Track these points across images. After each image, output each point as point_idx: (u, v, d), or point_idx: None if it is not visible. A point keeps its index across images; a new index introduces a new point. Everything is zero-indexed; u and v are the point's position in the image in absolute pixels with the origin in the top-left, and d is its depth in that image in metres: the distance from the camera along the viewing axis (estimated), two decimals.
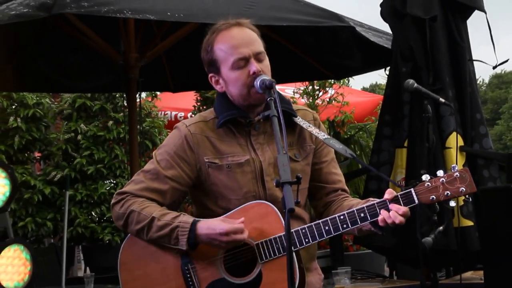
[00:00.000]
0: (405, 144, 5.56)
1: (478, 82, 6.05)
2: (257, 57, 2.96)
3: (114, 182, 10.44)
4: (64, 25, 6.25)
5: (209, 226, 2.89)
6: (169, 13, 5.29)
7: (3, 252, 4.70)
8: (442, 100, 4.77)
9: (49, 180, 10.11)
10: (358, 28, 6.06)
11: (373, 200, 2.86)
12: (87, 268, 8.58)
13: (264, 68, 2.96)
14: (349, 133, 10.83)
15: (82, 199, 10.16)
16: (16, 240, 4.91)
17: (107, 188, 10.25)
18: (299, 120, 3.05)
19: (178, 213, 2.99)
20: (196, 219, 2.94)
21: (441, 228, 4.82)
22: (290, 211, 2.43)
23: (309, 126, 3.03)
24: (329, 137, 2.98)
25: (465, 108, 5.57)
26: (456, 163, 5.24)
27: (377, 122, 6.20)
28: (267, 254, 2.87)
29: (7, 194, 4.70)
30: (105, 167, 10.29)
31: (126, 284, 3.09)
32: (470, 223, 5.33)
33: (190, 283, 2.95)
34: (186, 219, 2.94)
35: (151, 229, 2.96)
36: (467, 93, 5.59)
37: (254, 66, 2.92)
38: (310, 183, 3.18)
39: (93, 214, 10.38)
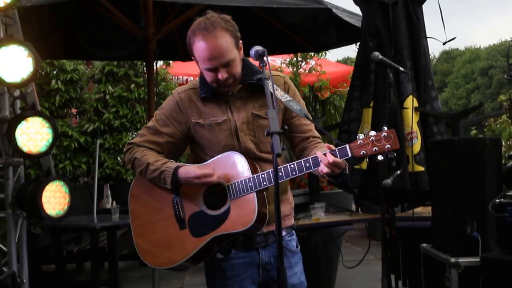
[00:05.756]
0: (371, 105, 5.56)
1: (430, 56, 6.03)
2: (225, 65, 2.89)
3: (136, 133, 10.47)
4: (95, 5, 6.23)
5: (186, 171, 2.96)
6: None
7: (47, 187, 4.71)
8: (401, 69, 4.76)
9: (83, 131, 10.18)
10: (334, 10, 6.04)
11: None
12: (113, 201, 8.61)
13: (231, 71, 2.91)
14: (325, 96, 10.82)
15: (110, 147, 10.23)
16: (57, 177, 4.91)
17: (130, 138, 10.27)
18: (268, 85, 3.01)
19: (167, 160, 3.07)
20: (179, 165, 3.02)
21: (398, 172, 4.84)
22: (277, 156, 2.44)
23: (276, 89, 2.97)
24: (290, 99, 2.92)
25: (419, 76, 5.56)
26: (412, 121, 5.28)
27: (348, 88, 6.18)
28: (235, 193, 2.91)
29: (50, 140, 4.70)
30: (128, 121, 10.33)
31: (133, 212, 3.18)
32: (421, 168, 5.37)
33: (177, 212, 3.03)
34: (171, 165, 3.02)
35: (147, 172, 3.05)
36: (422, 64, 5.58)
37: (221, 74, 2.88)
38: (287, 133, 3.16)
39: (119, 159, 10.46)
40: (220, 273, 3.07)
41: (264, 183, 2.87)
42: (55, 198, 4.78)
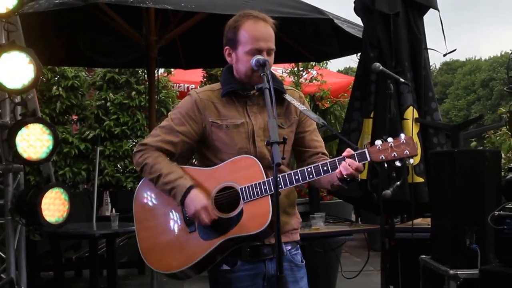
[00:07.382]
0: (371, 115, 5.55)
1: (431, 67, 6.02)
2: (269, 52, 2.96)
3: (136, 141, 10.52)
4: (98, 12, 6.23)
5: (194, 199, 2.91)
6: (183, 4, 5.26)
7: (46, 193, 4.71)
8: (402, 80, 4.76)
9: (83, 138, 10.19)
10: (335, 20, 6.04)
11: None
12: (113, 209, 8.61)
13: (270, 61, 2.95)
14: (326, 105, 10.84)
15: (110, 154, 10.24)
16: (57, 184, 4.91)
17: (130, 146, 10.33)
18: (286, 96, 3.06)
19: (181, 174, 3.00)
20: (193, 184, 2.95)
21: (398, 183, 4.85)
22: (277, 165, 2.46)
23: (293, 100, 3.03)
24: (307, 109, 2.98)
25: (420, 87, 5.55)
26: (412, 132, 5.28)
27: (349, 98, 6.19)
28: (248, 196, 2.88)
29: (50, 147, 4.70)
30: (129, 129, 10.36)
31: (138, 214, 3.12)
32: (421, 179, 5.35)
33: (187, 215, 2.98)
34: (184, 183, 2.95)
35: (158, 182, 2.99)
36: (422, 75, 5.58)
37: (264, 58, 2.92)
38: (297, 148, 3.19)
39: (119, 166, 10.49)
40: (226, 285, 3.04)
41: (279, 186, 2.83)
42: (54, 205, 4.78)
